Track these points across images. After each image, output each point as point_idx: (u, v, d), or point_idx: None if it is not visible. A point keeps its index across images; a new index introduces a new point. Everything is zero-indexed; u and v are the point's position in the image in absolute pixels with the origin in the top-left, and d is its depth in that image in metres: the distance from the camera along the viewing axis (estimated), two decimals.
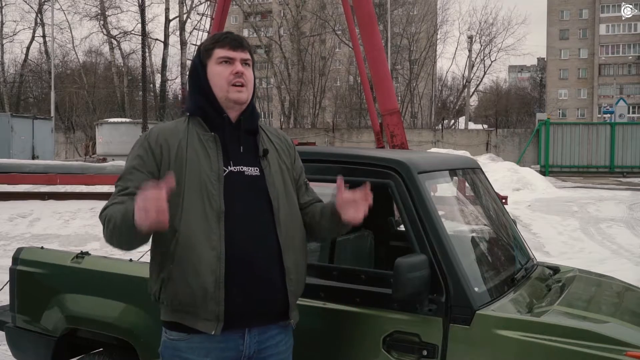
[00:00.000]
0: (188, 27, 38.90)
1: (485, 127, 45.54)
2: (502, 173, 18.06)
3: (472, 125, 50.60)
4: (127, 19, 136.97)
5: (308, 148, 2.89)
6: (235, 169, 2.11)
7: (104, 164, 17.23)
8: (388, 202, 3.60)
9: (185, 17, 38.87)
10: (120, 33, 45.28)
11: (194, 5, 39.57)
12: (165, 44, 40.48)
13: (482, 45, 54.41)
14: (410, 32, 51.36)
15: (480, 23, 68.84)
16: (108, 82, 48.76)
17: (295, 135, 33.03)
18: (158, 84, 43.84)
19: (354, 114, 51.99)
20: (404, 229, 2.49)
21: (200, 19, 37.13)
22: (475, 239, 2.96)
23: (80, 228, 10.65)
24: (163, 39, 40.53)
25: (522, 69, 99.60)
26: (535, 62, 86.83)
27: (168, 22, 39.52)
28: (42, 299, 3.12)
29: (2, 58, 47.69)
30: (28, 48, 47.69)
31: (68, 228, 10.73)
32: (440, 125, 41.06)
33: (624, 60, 74.87)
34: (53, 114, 30.84)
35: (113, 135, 27.06)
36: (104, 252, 7.87)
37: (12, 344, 3.31)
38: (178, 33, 38.64)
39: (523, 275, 2.79)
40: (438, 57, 58.16)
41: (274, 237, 2.12)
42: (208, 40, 2.21)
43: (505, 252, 3.07)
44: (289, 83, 50.29)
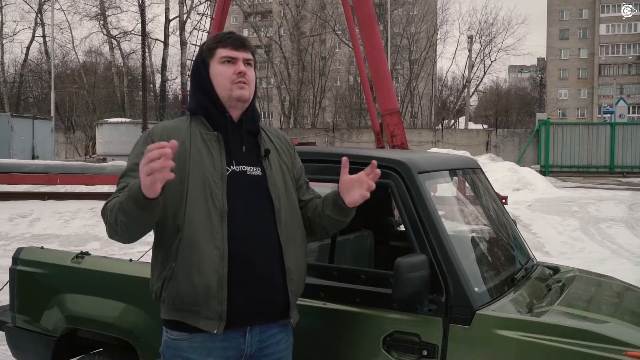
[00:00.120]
0: (188, 27, 38.87)
1: (485, 127, 45.55)
2: (502, 173, 18.06)
3: (472, 125, 50.59)
4: (127, 19, 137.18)
5: (308, 148, 2.89)
6: (238, 169, 2.12)
7: (104, 164, 17.23)
8: (388, 202, 3.60)
9: (185, 17, 38.84)
10: (120, 33, 45.34)
11: (194, 5, 39.56)
12: (165, 44, 40.46)
13: (482, 45, 54.48)
14: (410, 32, 51.34)
15: (480, 23, 69.00)
16: (108, 82, 48.75)
17: (295, 135, 33.02)
18: (158, 84, 43.82)
19: (354, 114, 51.98)
20: (404, 229, 2.49)
21: (200, 19, 37.05)
22: (475, 239, 2.96)
23: (80, 228, 10.65)
24: (163, 39, 40.51)
25: (522, 69, 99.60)
26: (535, 62, 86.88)
27: (168, 22, 39.51)
28: (42, 299, 3.12)
29: (2, 58, 47.71)
30: (28, 48, 47.75)
31: (68, 228, 10.74)
32: (440, 125, 41.06)
33: (624, 60, 74.86)
34: (53, 114, 30.83)
35: (113, 135, 27.05)
36: (104, 252, 7.88)
37: (12, 344, 3.31)
38: (178, 33, 38.60)
39: (523, 275, 2.79)
40: (438, 57, 58.21)
41: (275, 236, 2.12)
42: (210, 40, 2.21)
43: (505, 252, 3.07)
44: (289, 83, 50.29)
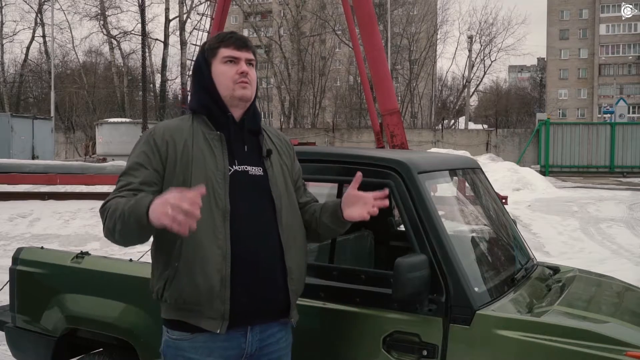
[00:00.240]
0: (188, 27, 38.87)
1: (485, 127, 45.54)
2: (502, 173, 18.07)
3: (472, 125, 50.57)
4: (127, 19, 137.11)
5: (308, 148, 2.89)
6: (240, 169, 2.12)
7: (104, 164, 17.24)
8: (388, 202, 3.60)
9: (185, 17, 38.85)
10: (120, 33, 45.32)
11: (194, 5, 39.56)
12: (165, 44, 40.46)
13: (482, 45, 54.47)
14: (410, 32, 51.34)
15: (480, 23, 68.94)
16: (108, 82, 48.74)
17: (295, 135, 33.02)
18: (158, 84, 43.81)
19: (354, 114, 51.97)
20: (404, 229, 2.49)
21: (200, 19, 36.98)
22: (475, 239, 2.96)
23: (80, 228, 10.65)
24: (163, 39, 40.50)
25: (522, 69, 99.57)
26: (535, 62, 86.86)
27: (168, 22, 39.50)
28: (42, 299, 3.12)
29: (2, 58, 47.69)
30: (28, 48, 47.73)
31: (68, 228, 10.74)
32: (440, 125, 41.05)
33: (624, 60, 74.86)
34: (53, 114, 30.82)
35: (113, 135, 27.05)
36: (104, 252, 7.88)
37: (12, 344, 3.31)
38: (178, 33, 38.60)
39: (523, 275, 2.79)
40: (438, 57, 58.20)
41: (277, 237, 2.13)
42: (213, 39, 2.21)
43: (505, 252, 3.07)
44: (289, 83, 50.29)
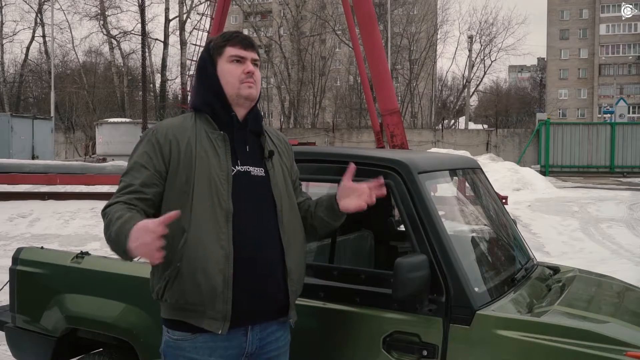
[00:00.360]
0: (188, 27, 38.92)
1: (485, 127, 45.56)
2: (502, 173, 18.07)
3: (472, 125, 50.54)
4: (127, 19, 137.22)
5: (308, 148, 2.89)
6: (242, 169, 2.12)
7: (104, 164, 17.24)
8: (388, 202, 3.60)
9: (185, 17, 38.88)
10: (120, 33, 45.26)
11: (194, 5, 39.58)
12: (165, 44, 40.47)
13: (482, 45, 54.43)
14: (410, 32, 51.31)
15: (480, 23, 68.76)
16: (108, 82, 48.70)
17: (295, 135, 33.03)
18: (158, 84, 43.80)
19: (354, 114, 51.95)
20: (404, 229, 2.49)
21: (200, 19, 36.95)
22: (475, 239, 2.96)
23: (80, 228, 10.65)
24: (163, 39, 40.52)
25: (522, 69, 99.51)
26: (535, 62, 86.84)
27: (168, 22, 39.51)
28: (42, 299, 3.12)
29: (2, 58, 47.62)
30: (28, 48, 47.67)
31: (68, 228, 10.74)
32: (440, 125, 41.08)
33: (624, 60, 74.85)
34: (53, 114, 30.80)
35: (113, 135, 27.03)
36: (104, 252, 7.87)
37: (12, 344, 3.31)
38: (178, 33, 38.66)
39: (523, 276, 2.79)
40: (438, 57, 58.15)
41: (278, 237, 2.13)
42: (219, 38, 2.21)
43: (506, 252, 3.07)
44: (289, 83, 50.29)
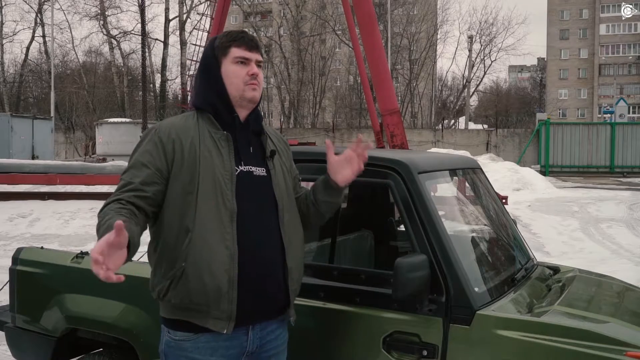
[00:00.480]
0: (188, 27, 38.88)
1: (485, 127, 45.54)
2: (502, 173, 18.07)
3: (472, 125, 50.53)
4: (127, 19, 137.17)
5: (308, 148, 2.89)
6: (245, 169, 2.12)
7: (104, 164, 17.24)
8: (388, 202, 3.60)
9: (185, 17, 38.86)
10: (120, 33, 45.25)
11: (194, 5, 39.56)
12: (165, 44, 40.45)
13: (482, 45, 54.42)
14: (410, 32, 51.30)
15: (480, 23, 68.75)
16: (108, 82, 48.69)
17: (295, 135, 33.04)
18: (158, 84, 43.79)
19: (354, 114, 51.94)
20: (404, 229, 2.48)
21: (200, 19, 36.95)
22: (475, 239, 2.95)
23: (80, 228, 10.65)
24: (163, 39, 40.51)
25: (522, 69, 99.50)
26: (535, 62, 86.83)
27: (168, 22, 39.49)
28: (42, 299, 3.12)
29: (2, 58, 47.61)
30: (28, 48, 47.66)
31: (68, 228, 10.74)
32: (440, 125, 41.07)
33: (624, 60, 74.84)
34: (53, 114, 30.80)
35: (113, 135, 27.02)
36: None
37: (12, 344, 3.31)
38: (178, 33, 38.63)
39: (523, 276, 2.79)
40: (438, 57, 58.13)
41: (279, 237, 2.14)
42: (223, 37, 2.19)
43: (506, 252, 3.07)
44: (289, 83, 50.29)
